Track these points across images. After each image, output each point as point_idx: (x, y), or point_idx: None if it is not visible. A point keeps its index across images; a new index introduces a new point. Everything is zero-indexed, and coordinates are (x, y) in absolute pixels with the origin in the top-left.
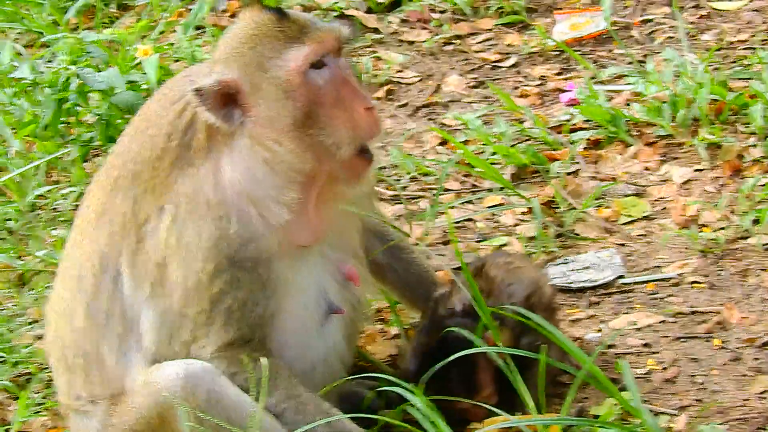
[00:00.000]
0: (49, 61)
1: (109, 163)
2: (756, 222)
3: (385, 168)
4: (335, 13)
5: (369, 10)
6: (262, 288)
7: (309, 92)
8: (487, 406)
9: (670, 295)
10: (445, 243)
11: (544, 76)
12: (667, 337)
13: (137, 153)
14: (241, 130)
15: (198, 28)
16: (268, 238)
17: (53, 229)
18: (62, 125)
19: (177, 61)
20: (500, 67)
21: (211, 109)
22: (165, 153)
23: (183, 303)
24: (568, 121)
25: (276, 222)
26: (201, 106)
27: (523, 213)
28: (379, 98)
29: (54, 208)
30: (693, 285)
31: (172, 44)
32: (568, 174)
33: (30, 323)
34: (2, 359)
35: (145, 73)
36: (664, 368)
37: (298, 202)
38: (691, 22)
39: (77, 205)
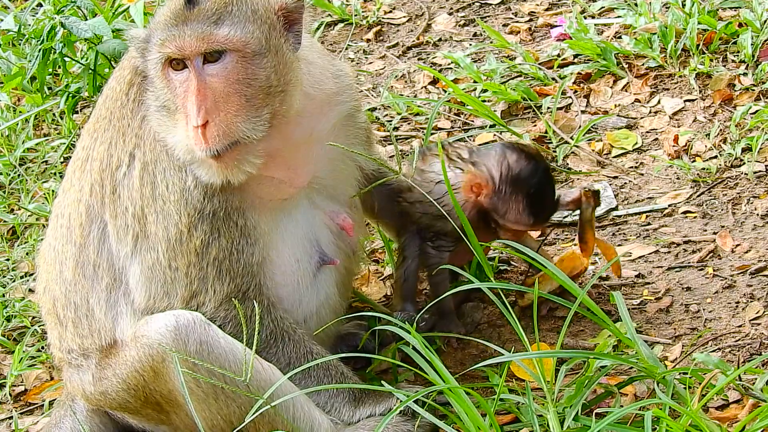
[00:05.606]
0: (34, 12)
1: (96, 106)
2: (747, 150)
3: (376, 109)
4: None
5: None
6: (242, 236)
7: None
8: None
9: (663, 226)
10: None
11: (534, 12)
12: (660, 267)
13: (112, 89)
14: None
15: None
16: (230, 193)
17: (44, 182)
18: (49, 77)
19: None
20: (489, 4)
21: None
22: (130, 87)
23: (170, 256)
24: (558, 56)
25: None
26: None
27: None
28: (368, 40)
29: (45, 161)
30: (686, 215)
31: None
32: (560, 109)
33: (22, 276)
34: None
35: (132, 21)
36: (658, 298)
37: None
38: None
39: (68, 158)
